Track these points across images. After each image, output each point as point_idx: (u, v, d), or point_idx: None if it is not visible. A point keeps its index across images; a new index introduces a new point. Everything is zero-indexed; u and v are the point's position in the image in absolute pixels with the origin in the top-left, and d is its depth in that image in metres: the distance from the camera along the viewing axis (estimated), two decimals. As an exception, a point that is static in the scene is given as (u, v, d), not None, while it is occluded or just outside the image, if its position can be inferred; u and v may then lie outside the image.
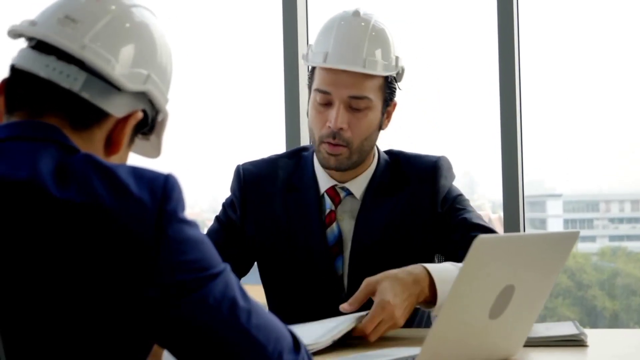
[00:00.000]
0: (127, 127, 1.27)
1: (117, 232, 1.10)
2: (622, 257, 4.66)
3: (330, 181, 2.16)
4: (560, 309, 4.49)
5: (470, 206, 2.19)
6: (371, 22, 2.11)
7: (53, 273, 1.11)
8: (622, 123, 4.23)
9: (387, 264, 2.03)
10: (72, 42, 1.22)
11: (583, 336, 1.77)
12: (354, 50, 2.06)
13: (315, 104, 2.10)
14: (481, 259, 1.44)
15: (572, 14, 4.15)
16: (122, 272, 1.11)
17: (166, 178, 1.16)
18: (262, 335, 1.18)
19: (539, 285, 1.62)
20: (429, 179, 2.16)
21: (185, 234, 1.15)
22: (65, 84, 1.20)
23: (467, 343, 1.56)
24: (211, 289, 1.15)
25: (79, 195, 1.11)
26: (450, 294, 1.46)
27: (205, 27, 4.24)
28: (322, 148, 2.10)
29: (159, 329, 1.15)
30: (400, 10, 4.14)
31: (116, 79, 1.23)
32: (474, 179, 4.97)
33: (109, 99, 1.23)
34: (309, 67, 2.16)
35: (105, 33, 1.24)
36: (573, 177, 4.57)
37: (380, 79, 2.10)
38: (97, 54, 1.22)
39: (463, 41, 4.13)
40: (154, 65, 1.29)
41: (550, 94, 4.13)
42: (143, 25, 1.29)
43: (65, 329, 1.12)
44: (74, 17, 1.23)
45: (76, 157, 1.16)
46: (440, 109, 4.30)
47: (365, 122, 2.09)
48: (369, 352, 1.68)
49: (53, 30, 1.23)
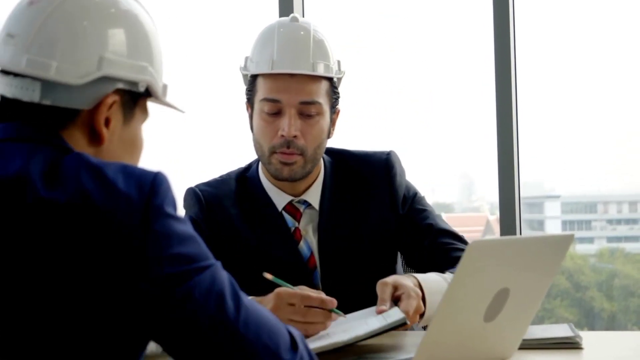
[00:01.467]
0: (101, 115, 1.26)
1: (105, 226, 1.12)
2: (620, 259, 4.66)
3: (285, 197, 2.11)
4: (558, 310, 4.49)
5: (429, 205, 2.18)
6: (310, 29, 2.08)
7: (44, 270, 1.12)
8: (620, 124, 4.23)
9: (358, 271, 2.05)
10: (14, 58, 1.24)
11: (578, 339, 1.77)
12: (300, 55, 2.03)
13: (263, 114, 2.04)
14: (475, 263, 1.44)
15: (568, 13, 4.15)
16: (111, 267, 1.12)
17: (155, 175, 1.17)
18: (251, 331, 1.18)
19: (534, 288, 1.62)
20: (384, 178, 2.14)
21: (172, 228, 1.16)
22: (26, 98, 1.24)
23: (462, 346, 1.55)
24: (197, 282, 1.15)
25: (66, 192, 1.12)
26: (444, 297, 1.46)
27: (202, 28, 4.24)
28: (274, 159, 2.04)
29: (149, 322, 1.15)
30: (395, 9, 4.13)
31: (62, 81, 1.23)
32: (473, 180, 4.97)
33: (70, 96, 1.24)
34: (248, 79, 2.10)
35: (40, 37, 1.25)
36: (571, 178, 4.58)
37: (327, 83, 2.07)
38: (36, 63, 1.23)
39: (458, 41, 4.13)
40: (102, 45, 1.26)
41: (547, 94, 4.13)
42: (77, 12, 1.26)
43: (57, 324, 1.13)
44: (12, 32, 1.26)
45: (67, 157, 1.18)
46: (437, 111, 4.30)
47: (317, 129, 2.04)
48: (364, 355, 1.67)
49: (6, 55, 1.25)
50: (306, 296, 1.73)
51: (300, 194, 2.11)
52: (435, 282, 1.90)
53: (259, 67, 2.05)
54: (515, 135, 3.26)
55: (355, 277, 2.07)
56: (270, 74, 2.04)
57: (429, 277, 1.93)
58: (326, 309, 1.74)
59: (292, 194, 2.11)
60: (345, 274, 2.07)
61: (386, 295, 1.80)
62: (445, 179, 4.75)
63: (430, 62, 4.22)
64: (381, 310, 1.77)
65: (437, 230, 2.12)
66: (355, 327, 1.73)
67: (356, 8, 4.15)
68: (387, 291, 1.81)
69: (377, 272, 2.02)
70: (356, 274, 2.07)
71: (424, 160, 4.29)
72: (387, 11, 4.13)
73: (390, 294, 1.81)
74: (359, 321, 1.76)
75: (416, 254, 2.13)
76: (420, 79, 4.22)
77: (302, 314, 1.74)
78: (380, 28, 4.16)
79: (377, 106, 4.14)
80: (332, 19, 3.91)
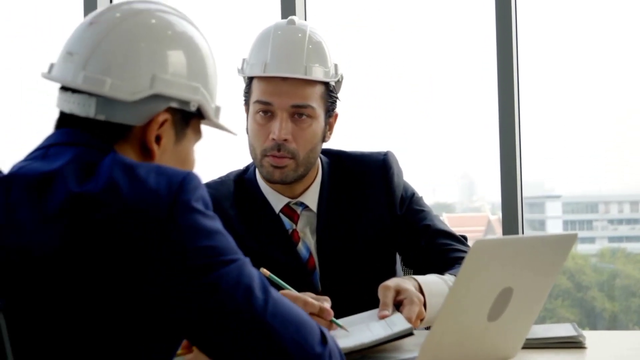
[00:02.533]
0: (152, 132, 1.30)
1: (130, 219, 1.15)
2: (622, 259, 4.66)
3: (282, 199, 2.11)
4: (559, 310, 4.49)
5: (426, 205, 2.18)
6: (307, 32, 2.07)
7: (68, 260, 1.15)
8: (621, 124, 4.23)
9: (357, 271, 2.05)
10: (73, 76, 1.30)
11: (581, 338, 1.77)
12: (294, 58, 2.02)
13: (256, 116, 2.05)
14: (479, 262, 1.44)
15: (571, 13, 4.15)
16: (137, 258, 1.15)
17: (186, 173, 1.21)
18: (279, 324, 1.20)
19: (537, 288, 1.62)
20: (381, 179, 2.14)
21: (198, 222, 1.19)
22: (82, 113, 1.29)
23: (465, 345, 1.56)
24: (224, 275, 1.18)
25: (97, 186, 1.17)
26: (448, 296, 1.46)
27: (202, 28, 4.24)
28: (265, 162, 2.04)
29: (177, 313, 1.18)
30: (396, 11, 4.13)
31: (116, 97, 1.28)
32: (474, 180, 4.97)
33: (124, 112, 1.29)
34: (245, 80, 2.10)
35: (97, 55, 1.30)
36: (572, 178, 4.57)
37: (321, 87, 2.06)
38: (92, 80, 1.28)
39: (461, 43, 4.13)
40: (156, 65, 1.30)
41: (549, 94, 4.13)
42: (133, 33, 1.31)
43: (86, 314, 1.16)
44: (72, 50, 1.32)
45: (106, 157, 1.22)
46: (437, 111, 4.30)
47: (309, 133, 2.04)
48: (367, 355, 1.68)
49: (60, 70, 1.32)
50: (308, 302, 1.73)
51: (297, 196, 2.11)
52: (435, 285, 1.90)
53: (253, 70, 2.05)
54: (518, 135, 3.27)
55: (354, 278, 2.07)
56: (264, 77, 2.04)
57: (430, 279, 1.92)
58: (325, 319, 1.73)
59: (289, 196, 2.11)
60: (344, 275, 2.07)
61: (388, 299, 1.80)
62: (446, 179, 4.75)
63: (432, 61, 4.22)
64: (383, 316, 1.77)
65: (434, 230, 2.12)
66: (358, 332, 1.72)
67: (357, 6, 4.16)
68: (390, 295, 1.81)
69: (376, 273, 2.03)
70: (355, 274, 2.07)
71: (425, 160, 4.29)
72: (389, 9, 4.13)
73: (392, 299, 1.81)
74: (360, 326, 1.76)
75: (413, 254, 2.13)
76: (421, 79, 4.22)
77: None
78: (382, 26, 4.16)
79: (377, 106, 4.14)
80: (333, 13, 3.91)
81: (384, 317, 1.77)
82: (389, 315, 1.77)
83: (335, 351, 1.25)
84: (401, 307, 1.80)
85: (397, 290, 1.82)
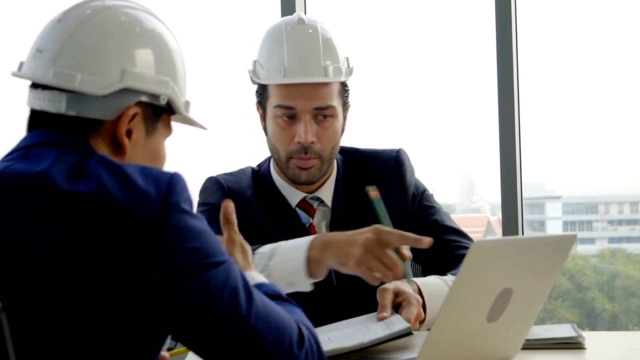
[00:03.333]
0: (123, 126, 1.31)
1: (123, 219, 1.17)
2: (622, 259, 4.66)
3: (298, 194, 2.12)
4: (559, 310, 4.49)
5: (436, 203, 2.20)
6: (318, 28, 2.07)
7: (62, 259, 1.17)
8: (621, 125, 4.22)
9: None
10: (42, 72, 1.31)
11: (581, 339, 1.77)
12: (312, 61, 2.02)
13: (277, 120, 2.05)
14: (478, 263, 1.44)
15: (571, 13, 4.15)
16: (127, 257, 1.17)
17: (172, 175, 1.23)
18: (262, 325, 1.23)
19: (537, 288, 1.62)
20: (395, 175, 2.15)
21: (188, 223, 1.21)
22: (53, 109, 1.30)
23: (465, 346, 1.56)
24: (212, 277, 1.21)
25: (86, 187, 1.18)
26: (447, 297, 1.46)
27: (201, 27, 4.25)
28: (292, 164, 2.05)
29: (164, 313, 1.20)
30: (395, 11, 4.13)
31: (86, 91, 1.29)
32: (473, 181, 4.96)
33: (94, 107, 1.30)
34: (254, 82, 2.10)
35: (67, 51, 1.31)
36: (572, 179, 4.57)
37: (338, 84, 2.07)
38: (62, 75, 1.29)
39: (460, 43, 4.13)
40: (126, 59, 1.32)
41: (549, 95, 4.13)
42: (102, 28, 1.32)
43: (74, 312, 1.17)
44: (41, 47, 1.33)
45: (91, 158, 1.24)
46: (438, 111, 4.30)
47: (332, 131, 2.05)
48: (367, 356, 1.67)
49: (29, 67, 1.33)
50: (403, 236, 1.74)
51: (313, 191, 2.13)
52: (435, 286, 1.90)
53: (270, 75, 2.04)
54: (517, 135, 3.27)
55: None
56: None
57: (429, 281, 1.92)
58: (405, 257, 1.75)
59: (305, 191, 2.13)
60: None
61: (387, 301, 1.81)
62: (446, 179, 4.75)
63: (431, 62, 4.22)
64: (382, 317, 1.77)
65: (443, 227, 2.12)
66: (357, 333, 1.72)
67: (358, 6, 4.16)
68: (388, 297, 1.81)
69: None
70: None
71: (425, 160, 4.29)
72: (388, 8, 4.13)
73: (391, 301, 1.81)
74: (359, 326, 1.76)
75: (421, 251, 2.13)
76: (421, 80, 4.22)
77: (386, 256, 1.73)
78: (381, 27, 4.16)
79: (376, 107, 4.14)
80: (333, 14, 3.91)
81: (382, 319, 1.77)
82: (387, 317, 1.77)
83: (314, 350, 1.29)
84: (400, 309, 1.80)
85: (395, 293, 1.82)
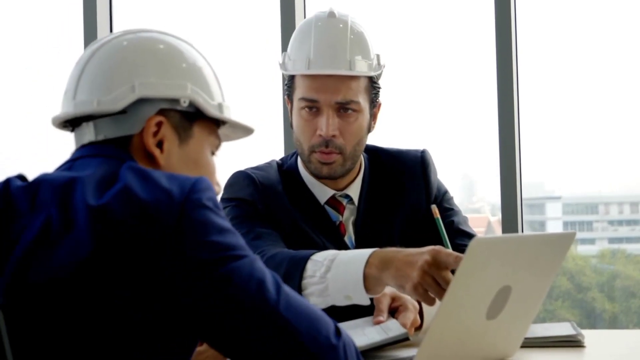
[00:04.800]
0: (149, 137, 1.33)
1: (145, 217, 1.18)
2: (622, 260, 4.65)
3: (327, 191, 2.11)
4: (559, 311, 4.49)
5: (456, 206, 2.20)
6: (349, 23, 2.07)
7: (95, 266, 1.17)
8: (621, 125, 4.23)
9: None
10: (69, 109, 1.37)
11: (580, 337, 1.77)
12: (337, 53, 2.02)
13: (302, 112, 2.05)
14: (478, 260, 1.45)
15: (570, 14, 4.15)
16: (151, 255, 1.17)
17: (197, 178, 1.23)
18: (293, 316, 1.21)
19: (536, 286, 1.63)
20: (420, 175, 2.16)
21: (210, 218, 1.21)
22: (86, 140, 1.35)
23: (464, 344, 1.56)
24: (235, 269, 1.20)
25: (112, 194, 1.20)
26: (446, 295, 1.46)
27: (201, 26, 4.25)
28: (314, 157, 2.06)
29: (191, 311, 1.19)
30: (396, 11, 4.14)
31: (104, 111, 1.32)
32: (473, 181, 4.96)
33: (117, 125, 1.33)
34: (286, 76, 2.11)
35: (82, 84, 1.37)
36: (572, 179, 4.57)
37: (365, 80, 2.06)
38: (82, 103, 1.35)
39: (460, 43, 4.13)
40: (136, 73, 1.34)
41: (549, 95, 4.13)
42: (107, 55, 1.37)
43: (102, 313, 1.17)
44: (65, 90, 1.39)
45: (123, 165, 1.26)
46: (437, 112, 4.30)
47: (355, 127, 2.05)
48: (366, 354, 1.68)
49: (63, 109, 1.39)
50: (461, 258, 1.67)
51: (342, 189, 2.12)
52: None
53: (295, 67, 2.05)
54: (517, 136, 3.27)
55: None
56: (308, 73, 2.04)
57: None
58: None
59: (334, 188, 2.12)
60: None
61: (384, 306, 1.81)
62: (446, 180, 4.75)
63: (430, 62, 4.22)
64: (378, 321, 1.78)
65: (456, 230, 2.12)
66: (353, 336, 1.71)
67: (357, 6, 4.15)
68: (385, 302, 1.81)
69: None
70: None
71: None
72: (389, 9, 4.14)
73: (387, 305, 1.81)
74: (355, 330, 1.76)
75: None
76: (421, 80, 4.22)
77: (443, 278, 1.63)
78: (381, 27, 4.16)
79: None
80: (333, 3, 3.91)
81: (378, 323, 1.77)
82: (384, 322, 1.78)
83: (350, 344, 1.26)
84: (396, 314, 1.81)
85: (392, 297, 1.83)
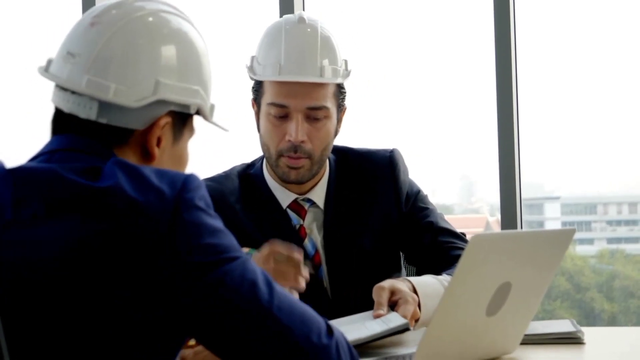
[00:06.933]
0: (153, 136, 1.31)
1: (137, 217, 1.16)
2: (620, 260, 4.66)
3: (289, 195, 2.10)
4: (558, 311, 4.50)
5: (431, 204, 2.18)
6: (318, 29, 2.05)
7: (76, 256, 1.16)
8: (620, 126, 4.23)
9: (363, 267, 2.05)
10: (75, 78, 1.28)
11: (580, 334, 1.77)
12: (308, 60, 2.00)
13: (270, 117, 2.03)
14: (477, 257, 1.45)
15: (570, 14, 4.15)
16: (142, 255, 1.16)
17: (187, 175, 1.22)
18: (286, 316, 1.20)
19: (536, 283, 1.63)
20: (388, 176, 2.13)
21: (202, 219, 1.20)
22: (83, 115, 1.28)
23: (464, 340, 1.56)
24: (228, 271, 1.19)
25: (102, 183, 1.18)
26: (446, 291, 1.46)
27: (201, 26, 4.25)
28: (282, 162, 2.03)
29: (183, 313, 1.18)
30: (395, 11, 4.14)
31: (119, 102, 1.27)
32: (472, 182, 4.97)
33: (126, 117, 1.29)
34: (253, 79, 2.09)
35: (100, 59, 1.28)
36: (571, 179, 4.58)
37: (334, 86, 2.05)
38: (95, 85, 1.27)
39: (459, 43, 4.14)
40: (159, 70, 1.30)
41: (548, 96, 4.14)
42: (136, 36, 1.30)
43: (92, 315, 1.16)
44: (73, 51, 1.29)
45: (107, 162, 1.23)
46: (437, 112, 4.31)
47: (324, 132, 2.03)
48: (366, 351, 1.68)
49: (59, 69, 1.30)
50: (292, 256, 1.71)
51: (305, 192, 2.11)
52: (430, 286, 1.90)
53: (265, 72, 2.04)
54: (516, 136, 3.27)
55: (360, 274, 2.07)
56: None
57: (424, 280, 1.92)
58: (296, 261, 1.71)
59: (296, 192, 2.10)
60: (350, 271, 2.07)
61: (383, 299, 1.81)
62: (445, 180, 4.76)
63: (430, 63, 4.23)
64: (378, 315, 1.78)
65: (437, 228, 2.12)
66: (355, 330, 1.72)
67: (356, 7, 4.16)
68: (384, 296, 1.81)
69: (382, 269, 2.03)
70: (361, 270, 2.07)
71: (424, 161, 4.29)
72: (388, 10, 4.14)
73: (387, 299, 1.81)
74: (356, 324, 1.76)
75: (416, 252, 2.14)
76: (420, 81, 4.23)
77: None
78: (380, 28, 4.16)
79: (375, 107, 4.15)
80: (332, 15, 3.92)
81: (379, 317, 1.77)
82: (384, 315, 1.78)
83: (342, 342, 1.26)
84: (396, 307, 1.81)
85: (391, 291, 1.83)
